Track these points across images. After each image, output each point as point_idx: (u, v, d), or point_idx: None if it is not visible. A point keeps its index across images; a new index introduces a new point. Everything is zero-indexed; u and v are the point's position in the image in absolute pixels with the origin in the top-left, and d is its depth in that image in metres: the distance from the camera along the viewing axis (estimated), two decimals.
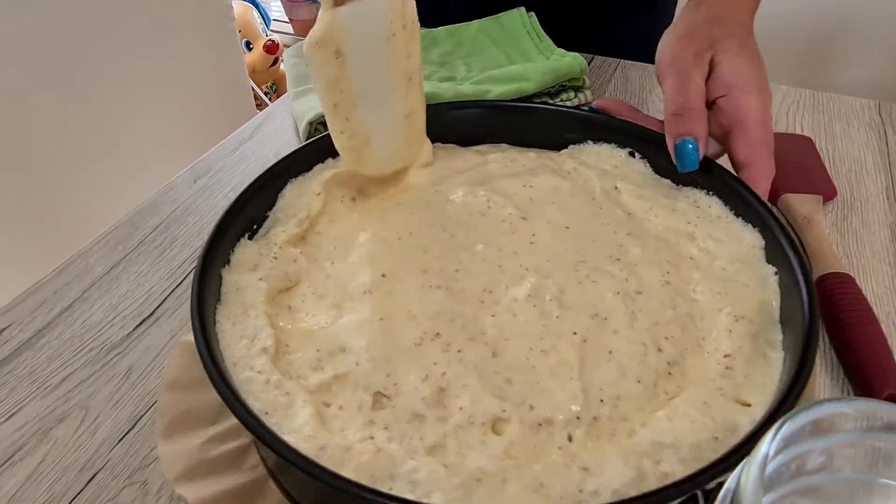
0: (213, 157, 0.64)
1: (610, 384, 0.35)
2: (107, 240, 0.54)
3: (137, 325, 0.47)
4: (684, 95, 0.45)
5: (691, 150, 0.44)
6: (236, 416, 0.31)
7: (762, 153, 0.44)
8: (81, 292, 0.50)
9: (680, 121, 0.44)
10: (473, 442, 0.33)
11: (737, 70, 0.45)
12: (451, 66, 0.73)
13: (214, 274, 0.39)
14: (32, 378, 0.44)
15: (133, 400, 0.42)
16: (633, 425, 0.34)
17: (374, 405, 0.35)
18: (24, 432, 0.40)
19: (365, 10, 0.40)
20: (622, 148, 0.50)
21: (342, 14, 0.39)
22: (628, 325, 0.37)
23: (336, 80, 0.41)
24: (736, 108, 0.44)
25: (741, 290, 0.40)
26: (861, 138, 0.65)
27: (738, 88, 0.44)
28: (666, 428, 0.33)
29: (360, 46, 0.41)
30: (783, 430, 0.23)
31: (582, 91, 0.70)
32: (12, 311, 0.48)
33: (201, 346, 0.33)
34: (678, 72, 0.46)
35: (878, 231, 0.54)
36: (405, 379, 0.35)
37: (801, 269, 0.38)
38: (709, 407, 0.34)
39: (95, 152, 1.15)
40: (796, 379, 0.32)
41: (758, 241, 0.42)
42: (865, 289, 0.48)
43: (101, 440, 0.40)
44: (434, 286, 0.40)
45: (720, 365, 0.36)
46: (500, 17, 0.79)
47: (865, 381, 0.41)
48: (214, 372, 0.32)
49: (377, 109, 0.44)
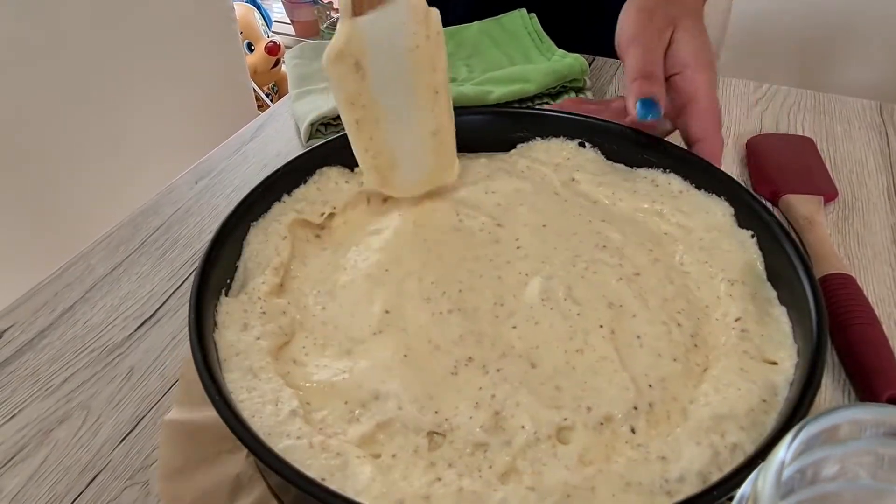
0: (215, 158, 0.64)
1: (652, 368, 0.36)
2: (108, 241, 0.54)
3: (139, 326, 0.47)
4: (649, 65, 0.47)
5: (653, 102, 0.46)
6: (312, 494, 0.28)
7: (714, 128, 0.47)
8: (83, 293, 0.50)
9: (645, 84, 0.47)
10: (545, 457, 0.32)
11: (692, 50, 0.48)
12: (452, 68, 0.73)
13: (209, 340, 0.36)
14: (34, 379, 0.44)
15: (134, 401, 0.42)
16: (683, 404, 0.35)
17: (430, 446, 0.33)
18: (25, 433, 0.41)
19: (385, 20, 0.39)
20: (571, 140, 0.51)
21: (361, 24, 0.38)
22: (643, 308, 0.38)
23: (357, 95, 0.40)
24: (689, 84, 0.48)
25: (725, 256, 0.42)
26: (862, 139, 0.65)
27: (692, 67, 0.48)
28: (718, 400, 0.34)
29: (382, 59, 0.39)
30: (800, 437, 0.23)
31: (583, 92, 0.70)
32: (14, 312, 0.48)
33: (239, 429, 0.30)
34: (643, 44, 0.48)
35: (880, 232, 0.54)
36: (456, 411, 0.34)
37: (779, 228, 0.40)
38: (746, 372, 0.35)
39: (97, 153, 1.15)
40: (819, 332, 0.35)
41: (726, 209, 0.44)
42: (867, 290, 0.48)
43: (103, 441, 0.40)
44: (446, 311, 0.39)
45: (735, 329, 0.38)
46: (500, 19, 0.79)
47: (867, 383, 0.41)
48: (272, 456, 0.29)
49: (402, 126, 0.42)
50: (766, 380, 0.35)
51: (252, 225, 0.43)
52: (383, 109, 0.41)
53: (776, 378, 0.35)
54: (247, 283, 0.41)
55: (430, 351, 0.37)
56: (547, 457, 0.32)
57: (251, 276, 0.41)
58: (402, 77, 0.41)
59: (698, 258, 0.42)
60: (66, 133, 1.09)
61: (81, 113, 1.11)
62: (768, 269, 0.41)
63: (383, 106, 0.41)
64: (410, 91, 0.41)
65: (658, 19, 0.49)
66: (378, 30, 0.39)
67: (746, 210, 0.43)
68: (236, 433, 0.30)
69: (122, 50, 1.16)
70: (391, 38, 0.39)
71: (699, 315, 0.39)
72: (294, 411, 0.34)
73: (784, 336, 0.37)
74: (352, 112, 0.40)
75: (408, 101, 0.41)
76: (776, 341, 0.37)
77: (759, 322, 0.38)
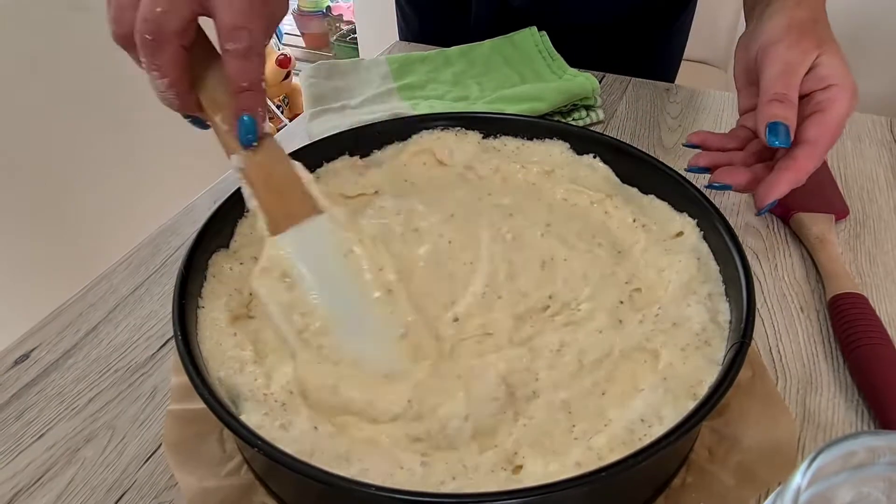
0: (232, 179, 0.65)
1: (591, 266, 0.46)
2: (129, 261, 0.56)
3: (161, 346, 0.48)
4: (787, 88, 0.48)
5: (784, 129, 0.47)
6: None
7: (828, 141, 0.47)
8: (106, 313, 0.51)
9: (780, 107, 0.47)
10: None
11: (842, 72, 0.48)
12: (464, 86, 0.74)
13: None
14: (60, 399, 0.45)
15: (158, 420, 0.43)
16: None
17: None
18: (53, 452, 0.42)
19: (309, 232, 0.39)
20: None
21: (284, 241, 0.39)
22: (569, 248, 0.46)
23: (290, 307, 0.38)
24: (828, 99, 0.48)
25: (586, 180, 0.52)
26: (873, 156, 0.66)
27: (839, 87, 0.48)
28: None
29: (315, 268, 0.39)
30: (816, 463, 0.23)
31: (594, 109, 0.71)
32: (40, 332, 0.49)
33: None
34: (787, 63, 0.49)
35: (891, 251, 0.54)
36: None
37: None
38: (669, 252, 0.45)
39: (114, 171, 1.17)
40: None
41: (562, 145, 0.53)
42: (879, 309, 0.48)
43: (129, 460, 0.41)
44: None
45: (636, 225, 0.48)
46: (512, 37, 0.80)
47: (879, 402, 0.41)
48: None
49: (359, 334, 0.39)
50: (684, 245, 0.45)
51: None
52: (331, 318, 0.38)
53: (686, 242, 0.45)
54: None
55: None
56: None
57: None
58: (345, 283, 0.39)
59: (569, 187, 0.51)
60: (84, 151, 1.11)
61: (98, 131, 1.13)
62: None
63: (330, 314, 0.38)
64: (357, 295, 0.39)
65: (806, 41, 0.49)
66: (304, 242, 0.39)
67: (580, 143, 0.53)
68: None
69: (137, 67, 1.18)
70: (320, 248, 0.39)
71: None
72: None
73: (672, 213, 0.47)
74: (289, 324, 0.38)
75: (357, 305, 0.39)
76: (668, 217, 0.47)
77: (646, 214, 0.48)
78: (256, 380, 0.37)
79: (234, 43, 0.37)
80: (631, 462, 0.30)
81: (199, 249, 0.42)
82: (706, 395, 0.33)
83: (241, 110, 0.39)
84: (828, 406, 0.43)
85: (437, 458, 0.34)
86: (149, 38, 0.36)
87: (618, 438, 0.34)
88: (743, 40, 0.55)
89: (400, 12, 0.97)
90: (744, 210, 0.59)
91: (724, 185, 0.50)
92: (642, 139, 0.69)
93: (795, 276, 0.52)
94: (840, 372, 0.45)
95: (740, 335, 0.36)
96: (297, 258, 0.39)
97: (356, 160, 0.53)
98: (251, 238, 0.45)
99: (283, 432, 0.34)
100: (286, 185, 0.40)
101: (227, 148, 0.40)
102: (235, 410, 0.35)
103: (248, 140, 0.39)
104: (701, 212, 0.45)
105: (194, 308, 0.40)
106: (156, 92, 0.39)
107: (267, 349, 0.39)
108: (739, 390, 0.41)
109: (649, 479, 0.36)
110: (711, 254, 0.44)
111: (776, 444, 0.38)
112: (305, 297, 0.38)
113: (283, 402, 0.36)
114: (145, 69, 0.38)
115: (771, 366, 0.45)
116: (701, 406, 0.32)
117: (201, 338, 0.39)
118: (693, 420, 0.32)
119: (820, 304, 0.50)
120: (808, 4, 0.51)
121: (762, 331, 0.48)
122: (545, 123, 0.55)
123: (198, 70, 0.40)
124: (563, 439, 0.35)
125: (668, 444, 0.31)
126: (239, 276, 0.43)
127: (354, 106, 0.72)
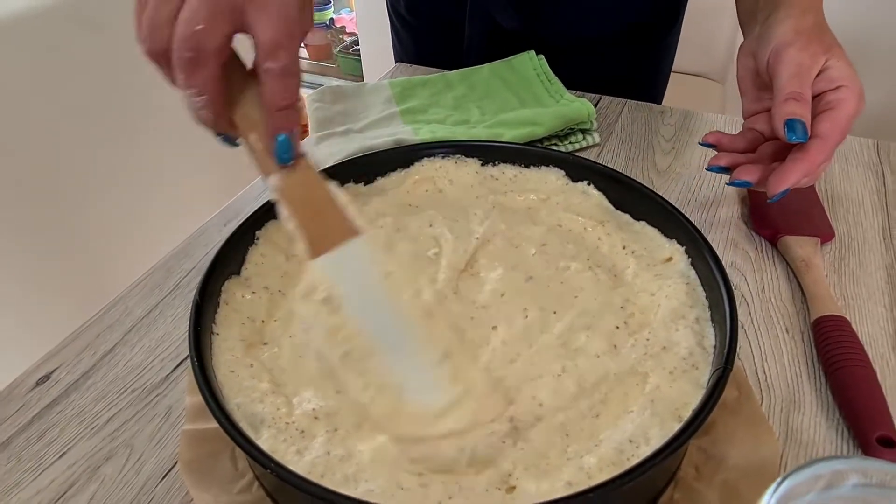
0: (242, 201, 0.68)
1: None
2: (143, 284, 0.58)
3: (175, 367, 0.51)
4: (802, 87, 0.51)
5: (801, 126, 0.50)
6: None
7: (838, 137, 0.51)
8: (122, 335, 0.53)
9: (795, 105, 0.51)
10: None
11: (850, 74, 0.52)
12: (464, 110, 0.76)
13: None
14: (80, 418, 0.47)
15: (174, 439, 0.45)
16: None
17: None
18: (74, 470, 0.44)
19: (349, 254, 0.39)
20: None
21: (323, 263, 0.39)
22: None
23: (335, 330, 0.39)
24: (838, 99, 0.51)
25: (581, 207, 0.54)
26: (859, 178, 0.68)
27: (849, 88, 0.52)
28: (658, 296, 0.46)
29: (356, 290, 0.39)
30: (782, 488, 0.26)
31: (590, 133, 0.73)
32: (60, 354, 0.52)
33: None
34: (799, 65, 0.52)
35: (875, 273, 0.56)
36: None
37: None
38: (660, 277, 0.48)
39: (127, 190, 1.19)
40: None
41: (558, 173, 0.56)
42: (860, 330, 0.51)
43: (146, 478, 0.43)
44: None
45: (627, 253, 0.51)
46: (511, 61, 0.83)
47: (858, 423, 0.43)
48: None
49: (401, 357, 0.39)
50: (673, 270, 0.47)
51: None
52: (375, 340, 0.39)
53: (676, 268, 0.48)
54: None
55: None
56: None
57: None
58: (386, 305, 0.40)
59: (562, 215, 0.53)
60: (95, 169, 1.13)
61: (109, 148, 1.15)
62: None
63: (375, 337, 0.39)
64: (397, 317, 0.40)
65: (815, 46, 0.53)
66: (345, 265, 0.39)
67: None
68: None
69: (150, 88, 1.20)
70: (360, 270, 0.40)
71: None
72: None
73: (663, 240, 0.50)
74: (336, 346, 0.39)
75: (399, 328, 0.40)
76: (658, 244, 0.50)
77: (636, 241, 0.51)
78: (279, 409, 0.39)
79: (274, 62, 0.36)
80: (619, 482, 0.32)
81: (213, 277, 0.44)
82: (689, 418, 0.35)
83: (277, 129, 0.38)
84: (810, 425, 0.45)
85: (434, 480, 0.36)
86: (188, 55, 0.35)
87: (607, 458, 0.36)
88: (747, 46, 0.59)
89: (395, 34, 0.99)
90: (733, 227, 0.62)
91: (744, 182, 0.54)
92: (637, 162, 0.71)
93: (782, 298, 0.55)
94: (822, 392, 0.47)
95: (723, 361, 0.38)
96: (339, 281, 0.39)
97: (360, 186, 0.56)
98: (262, 267, 0.48)
99: (299, 457, 0.36)
100: (323, 206, 0.40)
101: (262, 167, 0.40)
102: (254, 435, 0.37)
103: (285, 159, 0.39)
104: (689, 238, 0.47)
105: (209, 335, 0.42)
106: (190, 109, 0.38)
107: (284, 377, 0.42)
108: (726, 410, 0.44)
109: (638, 497, 0.38)
110: (699, 279, 0.46)
111: (760, 463, 0.40)
112: (349, 321, 0.38)
113: (302, 429, 0.38)
114: (180, 87, 0.37)
115: (756, 385, 0.48)
116: (684, 429, 0.35)
117: (216, 363, 0.41)
118: (677, 442, 0.34)
119: (805, 325, 0.52)
120: (812, 13, 0.55)
121: (748, 351, 0.50)
122: (541, 151, 0.57)
123: (232, 88, 0.39)
124: (557, 461, 0.37)
125: (653, 465, 0.33)
126: (251, 305, 0.45)
127: (358, 130, 0.74)
